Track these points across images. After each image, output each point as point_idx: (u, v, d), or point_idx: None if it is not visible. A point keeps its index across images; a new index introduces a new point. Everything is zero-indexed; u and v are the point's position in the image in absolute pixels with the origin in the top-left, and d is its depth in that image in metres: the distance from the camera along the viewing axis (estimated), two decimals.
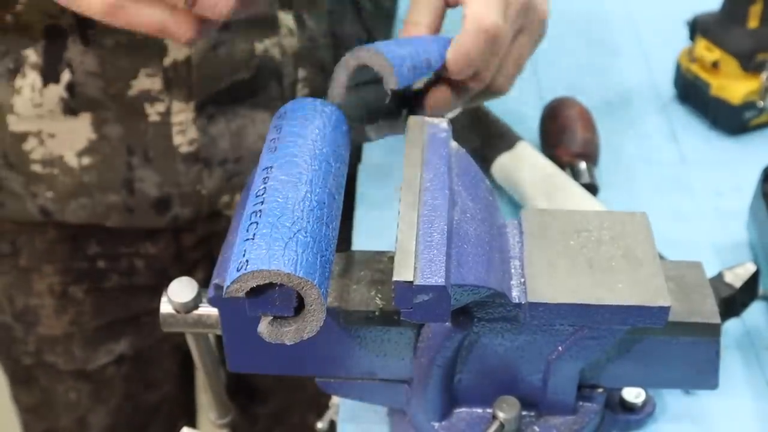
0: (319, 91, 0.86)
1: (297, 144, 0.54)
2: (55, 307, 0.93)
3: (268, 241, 0.47)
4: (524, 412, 0.62)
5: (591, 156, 0.88)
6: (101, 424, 1.02)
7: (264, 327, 0.48)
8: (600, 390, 0.63)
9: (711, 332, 0.59)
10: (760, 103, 0.93)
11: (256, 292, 0.47)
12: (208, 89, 0.81)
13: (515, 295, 0.55)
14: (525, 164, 0.85)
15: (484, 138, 0.89)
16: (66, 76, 0.79)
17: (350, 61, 0.61)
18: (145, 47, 0.78)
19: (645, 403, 0.66)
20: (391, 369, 0.61)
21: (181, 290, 0.60)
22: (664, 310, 0.54)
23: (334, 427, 0.71)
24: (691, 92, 0.98)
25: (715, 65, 0.94)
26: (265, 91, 0.84)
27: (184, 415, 1.12)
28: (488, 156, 0.87)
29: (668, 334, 0.59)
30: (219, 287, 0.55)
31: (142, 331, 0.98)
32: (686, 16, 0.98)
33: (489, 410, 0.62)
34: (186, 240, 0.94)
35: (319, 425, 0.74)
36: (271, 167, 0.52)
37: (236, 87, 0.83)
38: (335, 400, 0.72)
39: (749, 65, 0.92)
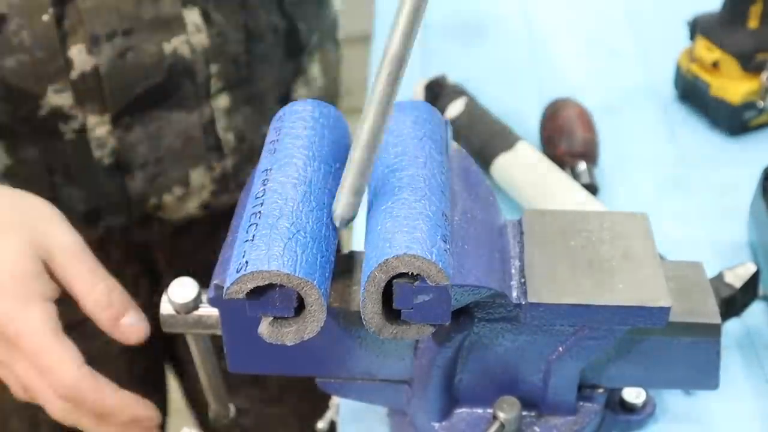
0: (233, 84, 0.86)
1: (296, 145, 0.54)
2: None
3: (268, 242, 0.47)
4: (525, 413, 0.62)
5: (591, 156, 0.88)
6: (53, 424, 1.01)
7: (264, 328, 0.49)
8: (600, 390, 0.63)
9: (712, 332, 0.59)
10: (760, 104, 0.93)
11: (256, 293, 0.47)
12: (121, 99, 0.80)
13: (515, 295, 0.55)
14: (525, 164, 0.85)
15: (483, 138, 0.89)
16: None
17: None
18: (49, 62, 0.77)
19: (645, 403, 0.66)
20: (392, 369, 0.61)
21: (181, 291, 0.60)
22: (665, 311, 0.54)
23: (335, 428, 0.71)
24: (691, 92, 0.98)
25: (715, 65, 0.94)
26: (179, 91, 0.83)
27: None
28: (488, 156, 0.87)
29: (669, 335, 0.59)
30: (219, 287, 0.55)
31: (86, 336, 0.97)
32: (686, 16, 0.98)
33: (489, 410, 0.62)
34: (114, 253, 0.92)
35: (320, 425, 0.74)
36: (270, 169, 0.52)
37: (150, 92, 0.81)
38: (335, 400, 0.72)
39: (749, 65, 0.92)
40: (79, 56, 0.77)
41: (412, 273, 0.47)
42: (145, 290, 0.99)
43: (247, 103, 0.88)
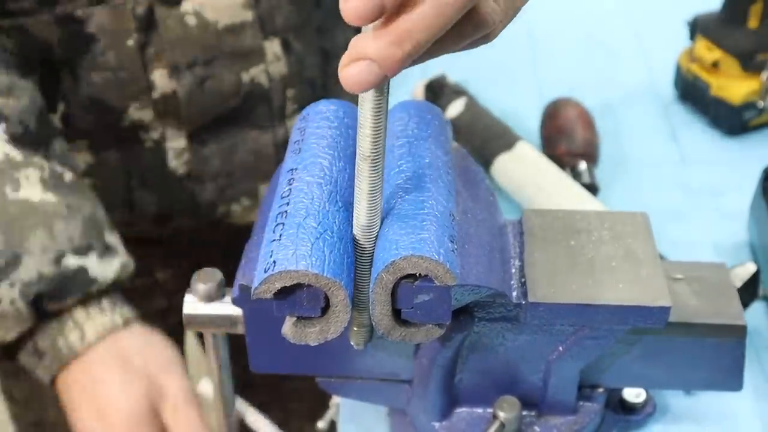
0: (307, 104, 0.87)
1: (321, 145, 0.54)
2: None
3: (295, 242, 0.47)
4: (525, 412, 0.62)
5: (591, 156, 0.88)
6: None
7: (288, 328, 0.48)
8: (600, 390, 0.63)
9: (737, 334, 0.58)
10: (760, 103, 0.93)
11: (283, 292, 0.47)
12: (198, 120, 0.83)
13: (515, 295, 0.55)
14: (525, 164, 0.85)
15: (483, 138, 0.89)
16: (61, 107, 0.81)
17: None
18: (132, 82, 0.80)
19: (645, 403, 0.66)
20: (392, 368, 0.61)
21: (205, 279, 0.60)
22: (665, 310, 0.54)
23: (335, 428, 0.71)
24: (691, 92, 0.98)
25: (715, 65, 0.94)
26: (255, 113, 0.85)
27: None
28: (488, 156, 0.87)
29: (693, 336, 0.58)
30: (244, 287, 0.55)
31: None
32: (686, 16, 0.98)
33: (489, 410, 0.62)
34: (178, 249, 0.95)
35: (320, 425, 0.74)
36: (296, 168, 0.52)
37: (226, 114, 0.84)
38: (335, 399, 0.72)
39: (749, 65, 0.92)
40: (161, 79, 0.80)
41: (419, 274, 0.47)
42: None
43: None
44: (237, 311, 0.59)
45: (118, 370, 0.71)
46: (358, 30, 1.02)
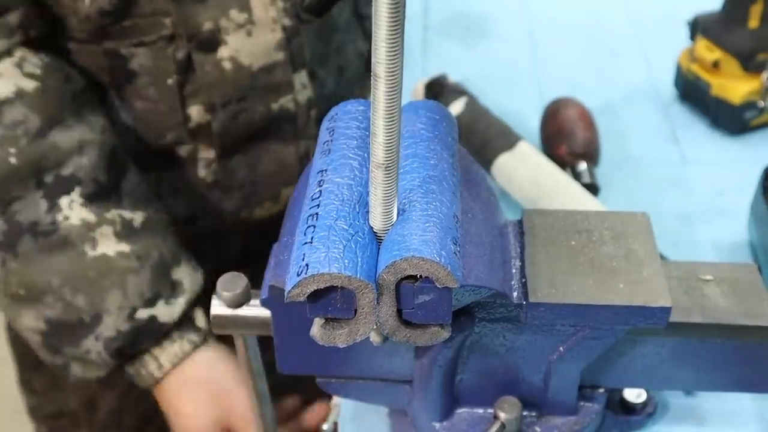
0: (325, 114, 0.93)
1: (350, 146, 0.54)
2: None
3: (327, 244, 0.47)
4: (525, 413, 0.62)
5: (591, 156, 0.88)
6: (109, 407, 1.04)
7: (317, 330, 0.48)
8: (601, 390, 0.63)
9: None
10: (761, 103, 0.93)
11: (316, 295, 0.47)
12: (228, 143, 0.89)
13: (516, 295, 0.55)
14: (525, 164, 0.85)
15: (484, 138, 0.89)
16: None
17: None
18: (170, 114, 0.86)
19: (646, 403, 0.66)
20: (393, 369, 0.61)
21: (231, 284, 0.60)
22: (665, 311, 0.54)
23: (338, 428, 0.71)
24: (691, 92, 0.98)
25: (715, 65, 0.94)
26: (281, 131, 0.91)
27: None
28: (488, 156, 0.87)
29: (724, 337, 0.58)
30: (275, 289, 0.54)
31: None
32: (687, 16, 0.98)
33: (490, 410, 0.62)
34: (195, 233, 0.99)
35: (324, 427, 0.74)
36: (326, 170, 0.52)
37: (253, 134, 0.90)
38: (336, 400, 0.72)
39: (750, 65, 0.92)
40: (197, 113, 0.86)
41: (421, 275, 0.47)
42: (210, 272, 1.02)
43: None
44: (265, 313, 0.59)
45: (191, 400, 0.82)
46: (364, 38, 1.03)
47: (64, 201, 0.78)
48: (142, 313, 0.80)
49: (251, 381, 0.64)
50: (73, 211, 0.78)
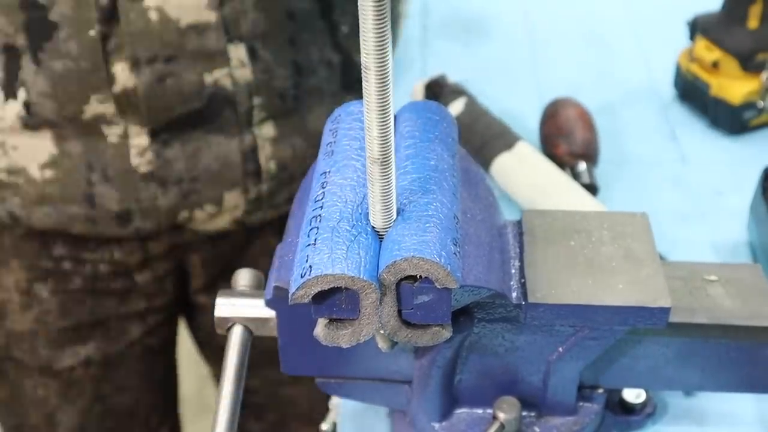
0: (279, 115, 0.87)
1: (353, 147, 0.54)
2: (20, 303, 0.95)
3: (330, 246, 0.47)
4: (524, 413, 0.62)
5: (591, 156, 0.88)
6: (70, 424, 1.02)
7: (320, 330, 0.49)
8: (600, 390, 0.63)
9: None
10: (760, 103, 0.93)
11: (320, 296, 0.47)
12: (159, 118, 0.83)
13: (515, 295, 0.55)
14: (524, 164, 0.85)
15: (483, 138, 0.89)
16: (22, 94, 0.81)
17: None
18: (93, 73, 0.80)
19: (645, 403, 0.66)
20: (393, 369, 0.61)
21: (244, 278, 0.61)
22: (665, 311, 0.54)
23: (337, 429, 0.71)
24: (691, 92, 0.98)
25: (715, 65, 0.94)
26: (220, 118, 0.85)
27: (164, 422, 1.12)
28: (487, 156, 0.87)
29: (728, 338, 0.58)
30: (279, 289, 0.55)
31: (109, 336, 0.99)
32: (686, 16, 0.98)
33: (489, 411, 0.62)
34: (152, 248, 0.95)
35: (324, 427, 0.74)
36: (329, 171, 0.52)
37: (189, 115, 0.83)
38: (335, 401, 0.72)
39: (749, 65, 0.92)
40: (122, 73, 0.80)
41: (420, 276, 0.47)
42: (174, 287, 1.01)
43: (296, 134, 0.89)
44: (270, 313, 0.59)
45: None
46: (335, 48, 0.99)
47: None
48: None
49: (232, 372, 0.63)
50: None
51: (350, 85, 0.92)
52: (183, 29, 0.79)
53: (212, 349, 1.13)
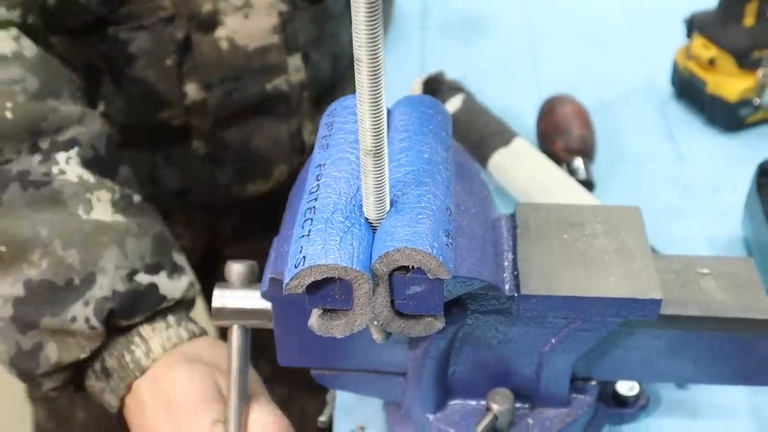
0: (318, 97, 0.96)
1: (348, 140, 0.54)
2: None
3: (324, 237, 0.47)
4: (518, 404, 0.63)
5: (587, 152, 0.89)
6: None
7: (314, 320, 0.49)
8: (593, 382, 0.63)
9: (766, 328, 0.58)
10: (756, 101, 0.93)
11: (315, 286, 0.47)
12: (222, 116, 0.91)
13: (508, 287, 0.56)
14: (521, 160, 0.86)
15: (481, 134, 0.89)
16: (101, 106, 0.88)
17: None
18: (167, 94, 0.87)
19: (638, 396, 0.67)
20: (388, 361, 0.62)
21: (238, 268, 0.62)
22: (656, 303, 0.54)
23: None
24: (687, 89, 0.98)
25: (711, 63, 0.94)
26: (274, 109, 0.93)
27: None
28: (484, 152, 0.88)
29: (720, 330, 0.59)
30: (275, 281, 0.55)
31: None
32: (683, 14, 0.99)
33: (483, 402, 0.62)
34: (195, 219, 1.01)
35: (321, 419, 0.74)
36: (324, 164, 0.53)
37: (246, 110, 0.91)
38: (332, 393, 0.72)
39: (745, 62, 0.93)
40: (193, 91, 0.88)
41: (413, 266, 0.48)
42: (204, 260, 1.05)
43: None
44: (266, 305, 0.60)
45: (185, 366, 0.69)
46: None
47: (61, 156, 0.70)
48: (143, 278, 0.70)
49: (236, 373, 0.64)
50: (70, 167, 0.70)
51: None
52: (250, 53, 0.87)
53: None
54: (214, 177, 0.94)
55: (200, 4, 0.84)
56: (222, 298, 0.62)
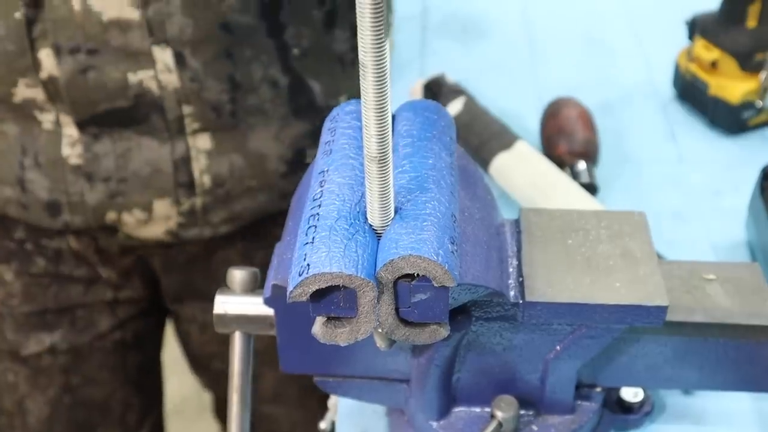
0: (215, 129, 0.85)
1: (351, 146, 0.54)
2: None
3: (328, 244, 0.47)
4: (522, 412, 0.62)
5: (590, 156, 0.88)
6: (40, 413, 1.02)
7: (318, 328, 0.49)
8: (598, 389, 0.63)
9: None
10: (759, 103, 0.93)
11: (319, 294, 0.47)
12: (84, 110, 0.82)
13: (513, 294, 0.55)
14: (523, 163, 0.86)
15: (482, 137, 0.89)
16: None
17: None
18: (19, 57, 0.80)
19: (643, 402, 0.66)
20: (391, 368, 0.61)
21: (240, 275, 0.61)
22: (662, 309, 0.54)
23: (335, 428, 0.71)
24: (690, 92, 0.98)
25: (713, 65, 0.94)
26: (149, 121, 0.83)
27: (144, 422, 1.10)
28: (486, 155, 0.87)
29: (726, 337, 0.58)
30: (278, 288, 0.55)
31: (76, 325, 0.98)
32: (685, 16, 0.98)
33: (487, 409, 0.62)
34: (104, 244, 0.94)
35: (322, 425, 0.74)
36: (327, 170, 0.52)
37: (116, 113, 0.82)
38: (334, 399, 0.72)
39: (748, 65, 0.92)
40: (47, 59, 0.79)
41: (417, 274, 0.47)
42: (143, 284, 1.00)
43: (235, 151, 0.86)
44: (268, 311, 0.59)
45: None
46: (284, 69, 0.93)
47: None
48: None
49: (238, 380, 0.63)
50: None
51: (300, 110, 0.89)
52: (105, 23, 0.78)
53: (194, 358, 1.12)
54: (84, 195, 0.85)
55: None
56: (223, 304, 0.61)
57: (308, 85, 0.88)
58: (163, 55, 0.80)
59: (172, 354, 1.27)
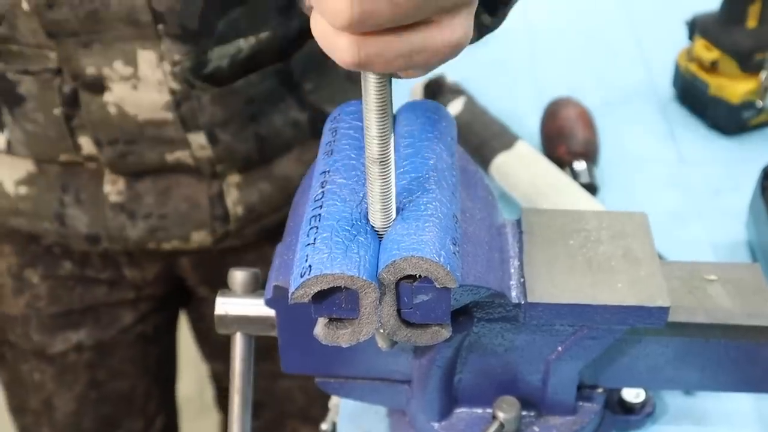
0: (243, 169, 0.87)
1: (353, 147, 0.54)
2: (12, 288, 0.96)
3: (329, 245, 0.47)
4: (524, 412, 0.62)
5: (591, 156, 0.88)
6: (67, 409, 1.03)
7: (320, 329, 0.49)
8: (600, 390, 0.63)
9: None
10: (759, 103, 0.93)
11: (320, 295, 0.47)
12: (125, 174, 0.86)
13: (514, 295, 0.55)
14: (523, 164, 0.86)
15: (482, 137, 0.89)
16: (6, 133, 0.84)
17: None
18: (60, 141, 0.82)
19: (644, 403, 0.66)
20: (393, 369, 0.61)
21: (241, 276, 0.61)
22: (664, 310, 0.54)
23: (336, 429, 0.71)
24: (690, 92, 0.98)
25: (713, 65, 0.94)
26: (187, 173, 0.87)
27: (161, 411, 1.12)
28: (487, 155, 0.87)
29: (728, 338, 0.58)
30: (279, 289, 0.55)
31: (100, 322, 1.00)
32: (685, 16, 0.98)
33: (489, 410, 0.62)
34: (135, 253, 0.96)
35: (323, 427, 0.74)
36: (328, 171, 0.52)
37: (150, 170, 0.86)
38: (335, 400, 0.72)
39: (748, 65, 0.92)
40: (87, 145, 0.83)
41: (419, 275, 0.47)
42: (166, 282, 1.02)
43: (263, 180, 0.89)
44: (269, 312, 0.59)
45: None
46: (301, 108, 0.94)
47: None
48: None
49: (239, 381, 0.63)
50: None
51: (319, 132, 0.90)
52: (141, 123, 0.81)
53: (211, 344, 1.13)
54: (125, 231, 0.87)
55: (84, 65, 0.78)
56: (224, 305, 0.61)
57: (325, 112, 0.90)
58: (197, 138, 0.83)
59: None
